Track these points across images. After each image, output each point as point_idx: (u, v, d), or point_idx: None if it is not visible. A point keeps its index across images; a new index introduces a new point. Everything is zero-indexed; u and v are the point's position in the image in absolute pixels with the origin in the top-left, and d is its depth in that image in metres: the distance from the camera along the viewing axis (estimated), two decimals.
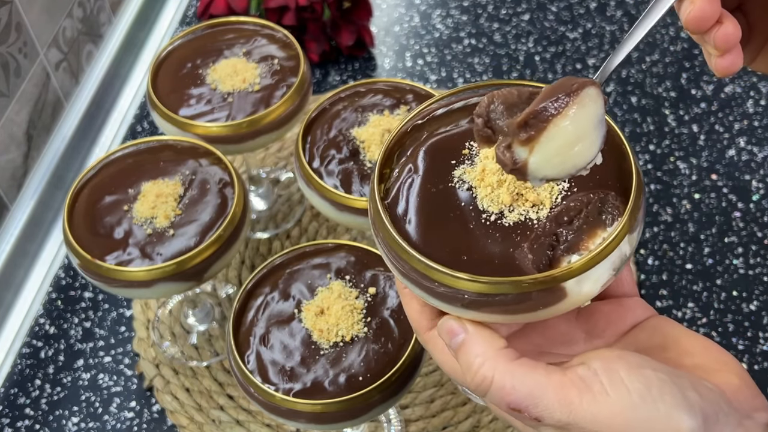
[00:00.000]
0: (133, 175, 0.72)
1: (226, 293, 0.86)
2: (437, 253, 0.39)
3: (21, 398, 0.79)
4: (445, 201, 0.41)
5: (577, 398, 0.36)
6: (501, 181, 0.40)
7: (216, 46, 0.82)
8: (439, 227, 0.40)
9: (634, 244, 0.39)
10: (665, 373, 0.36)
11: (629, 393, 0.35)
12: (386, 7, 1.17)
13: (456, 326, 0.39)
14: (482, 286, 0.37)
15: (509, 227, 0.39)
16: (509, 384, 0.37)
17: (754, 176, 0.92)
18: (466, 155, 0.42)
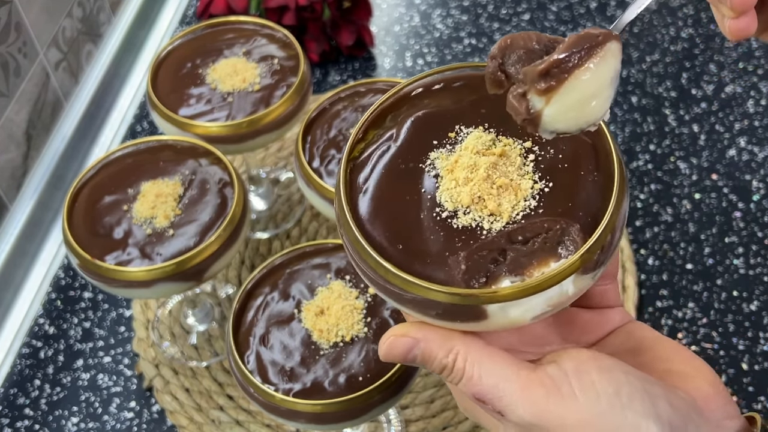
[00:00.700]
0: (132, 175, 0.72)
1: (226, 293, 0.86)
2: (377, 232, 0.37)
3: (20, 398, 0.79)
4: (408, 181, 0.38)
5: (543, 398, 0.35)
6: (467, 179, 0.37)
7: (216, 45, 0.82)
8: (390, 206, 0.38)
9: (585, 285, 0.36)
10: (637, 379, 0.36)
11: (598, 397, 0.35)
12: (386, 6, 1.17)
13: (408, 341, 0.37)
14: (401, 281, 0.35)
15: (457, 230, 0.36)
16: (476, 374, 0.36)
17: (754, 176, 0.92)
18: (451, 139, 0.39)
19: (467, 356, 0.36)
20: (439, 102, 0.41)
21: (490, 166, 0.37)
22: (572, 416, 0.34)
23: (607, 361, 0.36)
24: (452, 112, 0.40)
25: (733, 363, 0.78)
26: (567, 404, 0.34)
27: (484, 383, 0.36)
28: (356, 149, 0.40)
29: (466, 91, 0.41)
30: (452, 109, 0.40)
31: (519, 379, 0.35)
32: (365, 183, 0.38)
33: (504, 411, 0.35)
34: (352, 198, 0.38)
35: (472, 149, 0.38)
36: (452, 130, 0.40)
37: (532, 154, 0.38)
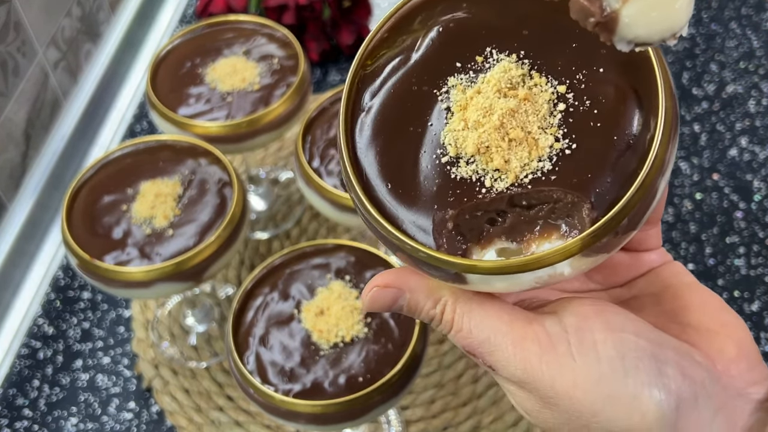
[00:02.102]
0: (131, 174, 0.72)
1: (226, 293, 0.85)
2: (369, 163, 0.33)
3: (19, 399, 0.79)
4: (417, 108, 0.33)
5: (536, 357, 0.31)
6: (478, 123, 0.31)
7: (215, 45, 0.82)
8: (390, 135, 0.33)
9: (589, 265, 0.32)
10: (648, 341, 0.32)
11: (598, 361, 0.31)
12: (386, 6, 1.17)
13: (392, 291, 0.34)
14: (385, 231, 0.31)
15: (454, 180, 0.32)
16: (466, 326, 0.33)
17: (755, 176, 0.92)
18: (477, 64, 0.33)
19: (456, 306, 0.33)
20: (478, 9, 0.34)
21: (508, 113, 0.31)
22: (566, 379, 0.31)
23: (618, 317, 0.32)
24: (490, 27, 0.34)
25: None
26: (562, 366, 0.31)
27: (474, 336, 0.33)
28: (373, 55, 0.34)
29: (516, 3, 0.34)
30: (491, 22, 0.34)
31: (512, 332, 0.32)
32: (371, 100, 0.34)
33: (495, 366, 0.33)
34: (353, 116, 0.33)
35: (495, 85, 0.32)
36: (482, 53, 0.33)
37: (563, 102, 0.32)
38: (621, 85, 0.32)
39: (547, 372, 0.31)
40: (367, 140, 0.33)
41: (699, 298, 0.35)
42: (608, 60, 0.32)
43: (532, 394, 0.32)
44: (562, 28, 0.32)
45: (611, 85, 0.32)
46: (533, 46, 0.33)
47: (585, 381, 0.31)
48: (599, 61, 0.32)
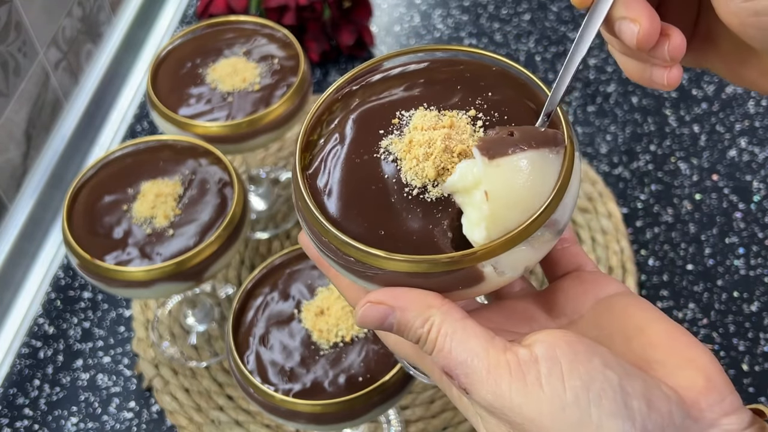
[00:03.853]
0: (132, 174, 0.72)
1: (226, 293, 0.85)
2: (355, 228, 0.37)
3: (20, 398, 0.79)
4: (369, 172, 0.38)
5: (506, 384, 0.33)
6: (427, 155, 0.37)
7: (216, 45, 0.82)
8: (360, 200, 0.38)
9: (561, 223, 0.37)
10: (616, 373, 0.33)
11: (564, 391, 0.32)
12: (386, 6, 1.17)
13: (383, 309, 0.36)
14: (398, 263, 0.35)
15: (431, 203, 0.37)
16: (447, 347, 0.34)
17: (755, 177, 0.92)
18: (396, 125, 0.39)
19: (441, 328, 0.35)
20: (370, 95, 0.41)
21: (446, 137, 0.37)
22: (533, 407, 0.32)
23: (587, 349, 0.34)
24: (388, 101, 0.41)
25: (733, 364, 0.78)
26: (529, 394, 0.33)
27: (453, 357, 0.34)
28: (304, 159, 0.40)
29: (395, 80, 0.42)
30: (387, 98, 0.41)
31: (488, 358, 0.34)
32: (326, 186, 0.38)
33: (468, 389, 0.34)
34: (318, 204, 0.38)
35: (422, 127, 0.38)
36: (394, 117, 0.40)
37: (479, 120, 0.39)
38: (511, 97, 0.40)
39: (516, 398, 0.33)
40: (343, 214, 0.38)
41: (665, 335, 0.36)
42: (491, 87, 0.40)
43: (501, 420, 0.34)
44: (442, 81, 0.41)
45: (504, 100, 0.40)
46: (429, 98, 0.40)
47: (551, 409, 0.32)
48: (485, 90, 0.40)
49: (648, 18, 0.36)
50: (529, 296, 0.42)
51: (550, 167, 0.36)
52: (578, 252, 0.43)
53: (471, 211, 0.36)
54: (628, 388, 0.33)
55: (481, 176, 0.35)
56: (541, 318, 0.40)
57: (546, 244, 0.37)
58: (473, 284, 0.36)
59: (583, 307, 0.40)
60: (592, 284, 0.40)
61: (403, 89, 0.41)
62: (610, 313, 0.39)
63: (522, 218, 0.35)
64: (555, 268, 0.43)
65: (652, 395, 0.33)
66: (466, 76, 0.41)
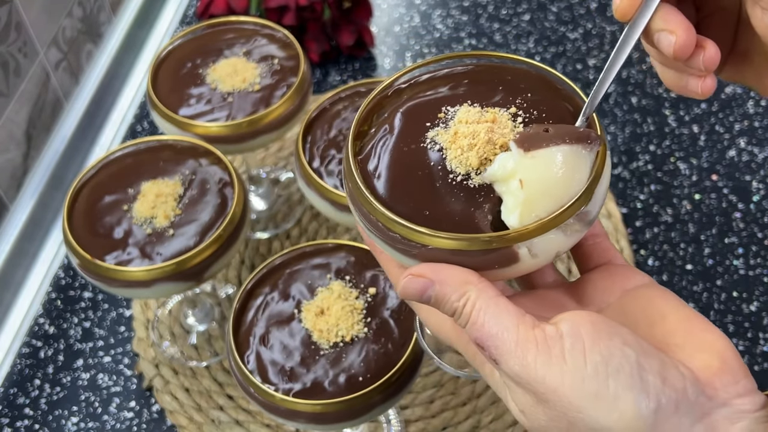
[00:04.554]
0: (132, 174, 0.72)
1: (226, 293, 0.86)
2: (402, 208, 0.40)
3: (20, 398, 0.79)
4: (416, 160, 0.42)
5: (532, 356, 0.36)
6: (471, 145, 0.41)
7: (216, 45, 0.82)
8: (406, 184, 0.41)
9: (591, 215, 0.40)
10: (634, 350, 0.36)
11: (584, 364, 0.35)
12: (386, 7, 1.17)
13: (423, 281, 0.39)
14: (440, 240, 0.38)
15: (474, 189, 0.40)
16: (480, 320, 0.37)
17: (754, 177, 0.92)
18: (442, 119, 0.43)
19: (476, 302, 0.38)
20: (419, 92, 0.45)
21: (489, 130, 0.41)
22: (555, 378, 0.35)
23: (610, 327, 0.37)
24: (435, 98, 0.45)
25: None
26: (552, 366, 0.35)
27: (485, 330, 0.37)
28: (355, 147, 0.44)
29: (440, 80, 0.46)
30: (434, 95, 0.45)
31: (517, 332, 0.37)
32: (375, 171, 0.42)
33: (498, 360, 0.37)
34: (368, 185, 0.41)
35: (466, 121, 0.42)
36: (440, 111, 0.43)
37: (518, 117, 0.42)
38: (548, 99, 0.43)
39: (540, 370, 0.36)
40: (392, 195, 0.41)
41: (685, 321, 0.40)
42: (530, 89, 0.44)
43: (526, 390, 0.37)
44: (485, 82, 0.45)
45: (542, 101, 0.43)
46: (473, 96, 0.44)
47: (572, 380, 0.35)
48: (525, 92, 0.44)
49: (684, 30, 0.39)
50: (560, 287, 0.46)
51: (581, 162, 0.39)
52: (609, 247, 0.46)
53: (508, 198, 0.39)
54: (644, 364, 0.35)
55: (517, 167, 0.39)
56: (571, 306, 0.43)
57: (576, 233, 0.40)
58: (509, 264, 0.39)
59: (611, 297, 0.43)
60: (620, 276, 0.44)
61: (448, 88, 0.45)
62: (636, 302, 0.42)
63: (553, 207, 0.38)
64: (587, 261, 0.46)
65: (667, 372, 0.36)
66: (507, 78, 0.45)
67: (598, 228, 0.46)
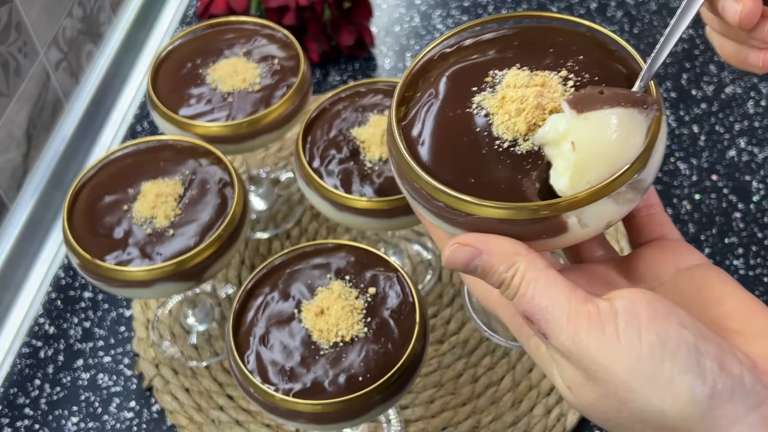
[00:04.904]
0: (132, 174, 0.72)
1: (226, 293, 0.86)
2: (447, 176, 0.39)
3: (20, 398, 0.79)
4: (461, 125, 0.41)
5: (585, 332, 0.35)
6: (519, 110, 0.39)
7: (216, 45, 0.82)
8: (452, 150, 0.40)
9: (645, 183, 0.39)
10: (692, 333, 0.34)
11: (640, 343, 0.34)
12: (386, 7, 1.17)
13: (470, 251, 0.38)
14: (485, 209, 0.37)
15: (521, 155, 0.39)
16: (530, 293, 0.36)
17: (754, 177, 0.92)
18: (489, 83, 0.42)
19: (525, 274, 0.36)
20: (466, 56, 0.43)
21: (538, 94, 0.39)
22: (608, 356, 0.34)
23: (666, 307, 0.35)
24: (482, 61, 0.43)
25: None
26: (606, 343, 0.34)
27: (535, 303, 0.36)
28: (399, 113, 0.42)
29: (488, 44, 0.44)
30: (481, 59, 0.43)
31: (569, 306, 0.35)
32: (420, 137, 0.41)
33: (548, 334, 0.36)
34: (412, 152, 0.40)
35: (514, 85, 0.40)
36: (487, 75, 0.42)
37: (569, 80, 0.41)
38: (601, 61, 0.42)
39: (593, 346, 0.34)
40: (436, 162, 0.40)
41: (742, 306, 0.38)
42: (582, 51, 0.42)
43: (576, 366, 0.35)
44: (534, 44, 0.43)
45: (594, 63, 0.42)
46: (522, 59, 0.42)
47: (626, 359, 0.34)
48: (576, 54, 0.42)
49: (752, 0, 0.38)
50: (610, 261, 0.44)
51: (636, 127, 0.37)
52: (664, 221, 0.44)
53: (558, 161, 0.37)
54: (702, 348, 0.34)
55: (570, 128, 0.37)
56: (621, 283, 0.42)
57: (629, 202, 0.38)
58: (557, 234, 0.37)
59: (664, 276, 0.41)
60: (674, 253, 0.42)
61: (496, 51, 0.43)
62: (690, 282, 0.40)
63: (606, 172, 0.36)
64: (640, 233, 0.44)
65: (724, 358, 0.34)
66: (558, 40, 0.43)
67: (653, 198, 0.44)
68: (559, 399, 0.75)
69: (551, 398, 0.75)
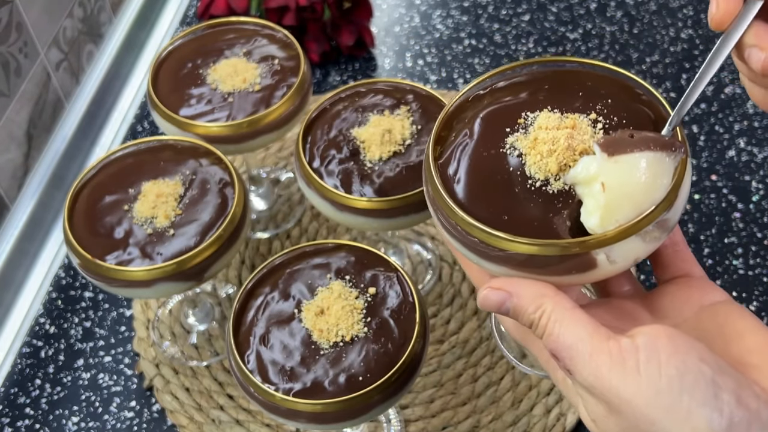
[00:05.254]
0: (133, 174, 0.72)
1: (226, 293, 0.86)
2: (481, 212, 0.41)
3: (21, 398, 0.79)
4: (495, 165, 0.43)
5: (606, 367, 0.36)
6: (551, 151, 0.41)
7: (216, 46, 0.83)
8: (486, 188, 0.42)
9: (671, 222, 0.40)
10: (710, 367, 0.36)
11: (659, 377, 0.35)
12: (386, 7, 1.17)
13: (501, 294, 0.40)
14: (519, 245, 0.39)
15: (553, 194, 0.41)
16: (556, 332, 0.38)
17: (754, 177, 0.92)
18: (521, 124, 0.44)
19: (551, 314, 0.39)
20: (499, 98, 0.46)
21: (569, 136, 0.41)
22: (629, 390, 0.36)
23: (686, 343, 0.37)
24: (514, 104, 0.45)
25: None
26: (626, 378, 0.36)
27: (560, 342, 0.38)
28: (436, 151, 0.44)
29: (520, 86, 0.46)
30: (513, 101, 0.45)
31: (591, 344, 0.37)
32: (455, 175, 0.43)
33: (572, 370, 0.38)
34: (448, 190, 0.42)
35: (546, 127, 0.42)
36: (519, 117, 0.44)
37: (599, 123, 0.42)
38: (629, 104, 0.43)
39: (614, 381, 0.36)
40: (470, 199, 0.42)
41: (762, 341, 0.40)
42: (610, 95, 0.44)
43: (599, 400, 0.37)
44: (564, 87, 0.45)
45: (622, 107, 0.43)
46: (553, 102, 0.44)
47: (646, 393, 0.35)
48: (605, 97, 0.44)
49: None
50: (636, 296, 0.46)
51: (664, 169, 0.39)
52: (688, 257, 0.46)
53: (589, 200, 0.40)
54: (720, 382, 0.36)
55: (600, 170, 0.39)
56: (646, 318, 0.44)
57: (655, 240, 0.40)
58: (586, 270, 0.39)
59: (688, 312, 0.43)
60: (698, 291, 0.44)
61: (527, 94, 0.45)
62: (713, 319, 0.42)
63: (634, 212, 0.39)
64: (665, 270, 0.46)
65: (742, 392, 0.36)
66: (587, 84, 0.45)
67: (678, 235, 0.46)
68: (558, 399, 0.76)
69: (551, 398, 0.75)
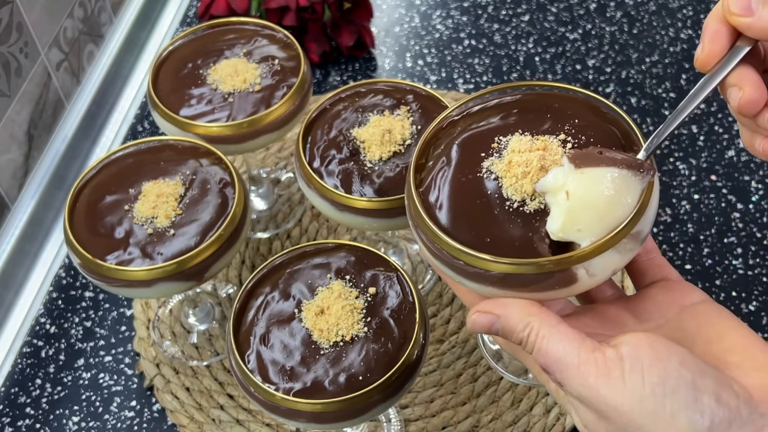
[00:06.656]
0: (133, 174, 0.72)
1: (227, 293, 0.86)
2: (464, 236, 0.43)
3: (21, 397, 0.79)
4: (474, 189, 0.45)
5: (593, 378, 0.39)
6: (525, 173, 0.43)
7: (216, 46, 0.83)
8: (467, 213, 0.44)
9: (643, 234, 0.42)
10: (691, 371, 0.38)
11: (642, 385, 0.38)
12: (386, 7, 1.17)
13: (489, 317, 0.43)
14: (503, 266, 0.41)
15: (530, 214, 0.43)
16: (544, 347, 0.41)
17: (753, 177, 0.92)
18: (495, 149, 0.46)
19: (539, 331, 0.41)
20: (470, 124, 0.48)
21: (540, 158, 0.43)
22: (615, 398, 0.38)
23: (667, 348, 0.39)
24: (487, 129, 0.47)
25: None
26: (612, 387, 0.38)
27: (549, 356, 0.41)
28: (416, 179, 0.46)
29: (492, 110, 0.48)
30: (486, 126, 0.47)
31: (579, 356, 0.40)
32: (437, 202, 0.45)
33: (562, 382, 0.40)
34: (431, 216, 0.44)
35: (519, 150, 0.44)
36: (493, 141, 0.46)
37: (568, 143, 0.45)
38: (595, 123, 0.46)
39: (602, 390, 0.39)
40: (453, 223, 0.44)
41: (742, 340, 0.42)
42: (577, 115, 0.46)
43: (590, 408, 0.40)
44: (533, 110, 0.47)
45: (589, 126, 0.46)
46: (523, 125, 0.47)
47: (631, 400, 0.38)
48: (572, 117, 0.46)
49: (752, 86, 0.41)
50: (619, 301, 0.48)
51: (629, 187, 0.42)
52: (662, 263, 0.49)
53: (555, 208, 0.42)
54: (700, 384, 0.38)
55: (567, 179, 0.41)
56: (630, 322, 0.46)
57: (630, 251, 0.43)
58: (568, 284, 0.42)
59: (669, 313, 0.45)
60: (678, 293, 0.46)
61: (499, 118, 0.48)
62: (694, 319, 0.44)
63: (597, 223, 0.41)
64: (642, 277, 0.49)
65: (722, 392, 0.38)
66: (554, 105, 0.47)
67: (650, 245, 0.49)
68: None
69: (550, 398, 0.76)
